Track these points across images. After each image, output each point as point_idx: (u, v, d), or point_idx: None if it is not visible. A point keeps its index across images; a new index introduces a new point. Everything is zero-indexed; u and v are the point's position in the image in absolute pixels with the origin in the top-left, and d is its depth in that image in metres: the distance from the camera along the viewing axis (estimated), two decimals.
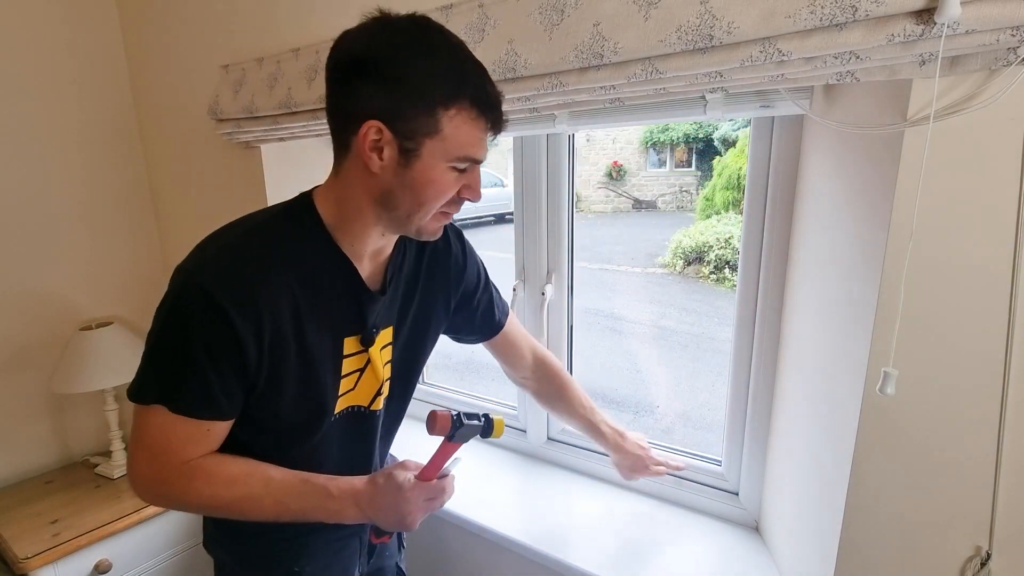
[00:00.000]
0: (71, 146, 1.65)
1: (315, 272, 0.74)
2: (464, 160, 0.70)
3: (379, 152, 0.68)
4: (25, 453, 1.63)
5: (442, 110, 0.66)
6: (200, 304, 0.66)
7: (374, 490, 0.79)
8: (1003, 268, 0.64)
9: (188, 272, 0.68)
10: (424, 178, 0.69)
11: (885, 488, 0.75)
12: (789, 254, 1.02)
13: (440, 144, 0.68)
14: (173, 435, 0.71)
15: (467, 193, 0.74)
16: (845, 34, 0.62)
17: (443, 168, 0.69)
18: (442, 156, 0.69)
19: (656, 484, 1.27)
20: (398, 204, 0.71)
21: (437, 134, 0.67)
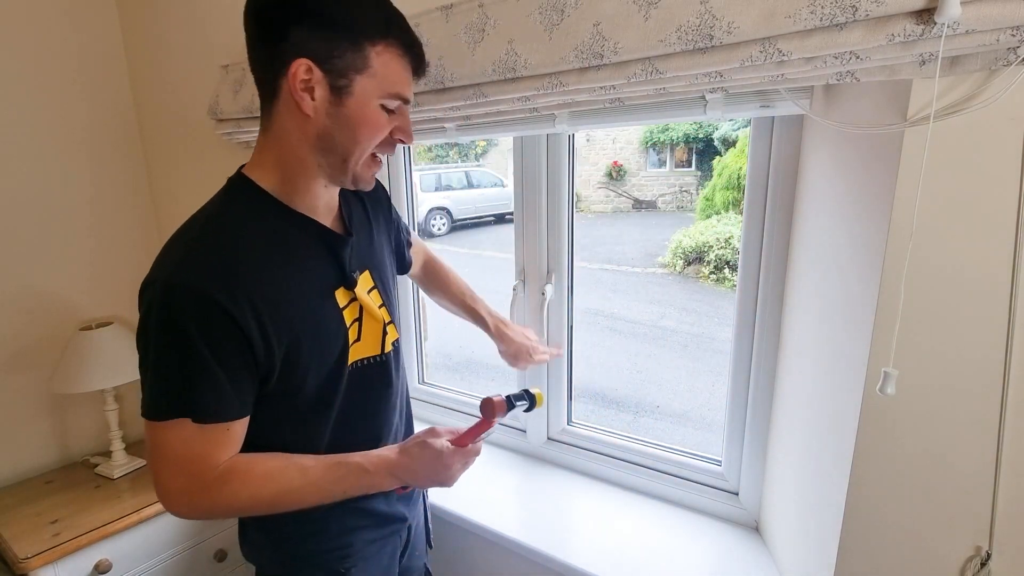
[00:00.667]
0: (71, 146, 1.65)
1: (283, 239, 0.74)
2: (394, 97, 0.72)
3: (310, 92, 0.68)
4: (25, 453, 1.63)
5: (369, 46, 0.68)
6: (192, 304, 0.65)
7: (409, 460, 0.80)
8: (1003, 268, 0.64)
9: (166, 279, 0.66)
10: (358, 116, 0.70)
11: (885, 488, 0.75)
12: (789, 254, 1.02)
13: (370, 80, 0.69)
14: (197, 444, 0.70)
15: (400, 134, 0.75)
16: (845, 34, 0.62)
17: (375, 105, 0.71)
18: (373, 92, 0.70)
19: (656, 484, 1.27)
20: (334, 146, 0.72)
21: (367, 70, 0.68)
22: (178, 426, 0.68)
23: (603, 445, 1.36)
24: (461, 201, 7.95)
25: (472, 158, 9.62)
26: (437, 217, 7.65)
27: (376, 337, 0.85)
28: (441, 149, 8.62)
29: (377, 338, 0.86)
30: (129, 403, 1.79)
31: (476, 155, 9.68)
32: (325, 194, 0.80)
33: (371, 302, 0.85)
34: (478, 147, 9.55)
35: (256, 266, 0.70)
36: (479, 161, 9.58)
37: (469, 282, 1.25)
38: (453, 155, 9.10)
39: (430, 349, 1.63)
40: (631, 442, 1.33)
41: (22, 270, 1.58)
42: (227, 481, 0.71)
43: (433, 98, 1.02)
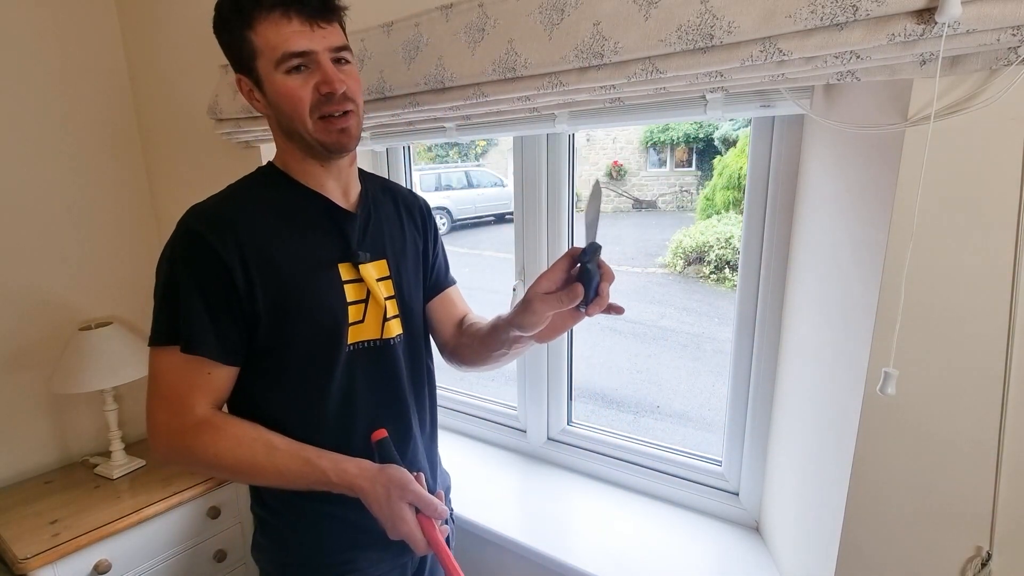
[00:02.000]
0: (71, 146, 1.65)
1: (289, 206, 0.82)
2: (286, 58, 0.74)
3: (252, 96, 0.80)
4: (25, 453, 1.63)
5: (247, 32, 0.75)
6: (184, 239, 0.75)
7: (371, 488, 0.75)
8: (1004, 268, 0.64)
9: (176, 228, 0.77)
10: (275, 94, 0.77)
11: (885, 488, 0.75)
12: (789, 254, 1.02)
13: (264, 60, 0.76)
14: (177, 377, 0.75)
15: (324, 88, 0.76)
16: (846, 34, 0.62)
17: (280, 77, 0.76)
18: (269, 68, 0.76)
19: (656, 484, 1.27)
20: (290, 130, 0.80)
21: (257, 53, 0.76)
22: (163, 355, 0.76)
23: (603, 445, 1.36)
24: (461, 201, 7.94)
25: (472, 158, 9.62)
26: (437, 217, 7.65)
27: (377, 322, 0.86)
28: (441, 149, 8.62)
29: (378, 323, 0.86)
30: (129, 403, 1.79)
31: (476, 155, 9.67)
32: (329, 174, 0.85)
33: (378, 289, 0.86)
34: (478, 147, 9.55)
35: (253, 221, 0.78)
36: (479, 161, 9.58)
37: (469, 282, 1.22)
38: (453, 155, 9.10)
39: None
40: (631, 442, 1.33)
41: (22, 270, 1.58)
42: (200, 432, 0.75)
43: (433, 98, 1.02)
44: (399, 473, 0.76)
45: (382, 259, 0.88)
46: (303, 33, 0.75)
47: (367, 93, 1.08)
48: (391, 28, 1.06)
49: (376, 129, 1.24)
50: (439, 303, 1.02)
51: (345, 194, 0.88)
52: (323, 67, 0.76)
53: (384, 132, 1.26)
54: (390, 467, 0.77)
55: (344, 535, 0.86)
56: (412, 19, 1.03)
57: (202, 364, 0.75)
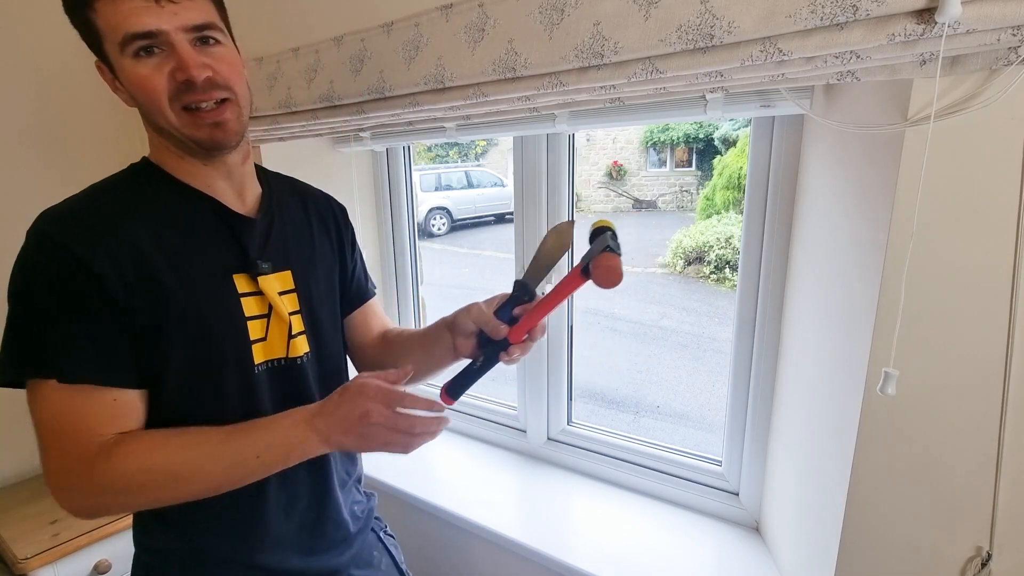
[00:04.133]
0: (71, 146, 1.65)
1: (170, 208, 0.71)
2: (128, 40, 0.63)
3: (114, 84, 0.69)
4: (25, 453, 1.63)
5: (90, 13, 0.64)
6: (43, 251, 0.62)
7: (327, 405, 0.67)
8: (1004, 268, 0.64)
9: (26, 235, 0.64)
10: (127, 80, 0.66)
11: (885, 488, 0.75)
12: (789, 254, 1.02)
13: (109, 44, 0.65)
14: (70, 412, 0.63)
15: (179, 75, 0.65)
16: (846, 33, 0.62)
17: (128, 63, 0.65)
18: (116, 53, 0.65)
19: (656, 484, 1.27)
20: (148, 118, 0.70)
21: (101, 35, 0.65)
22: (41, 391, 0.63)
23: (603, 445, 1.36)
24: (461, 201, 7.95)
25: (472, 158, 9.62)
26: (437, 217, 7.65)
27: (282, 340, 0.76)
28: (441, 149, 8.62)
29: (283, 341, 0.76)
30: None
31: (476, 155, 9.68)
32: (217, 173, 0.74)
33: (280, 303, 0.76)
34: (478, 147, 9.55)
35: (125, 225, 0.66)
36: (479, 161, 9.58)
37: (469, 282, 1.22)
38: (453, 155, 9.10)
39: None
40: (631, 442, 1.33)
41: None
42: (112, 452, 0.62)
43: (433, 98, 1.02)
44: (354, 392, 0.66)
45: (286, 270, 0.78)
46: (147, 9, 0.63)
47: (367, 93, 1.08)
48: (391, 28, 1.06)
49: (376, 129, 1.24)
50: (360, 316, 0.94)
51: (240, 196, 0.77)
52: (177, 50, 0.65)
53: (384, 132, 1.26)
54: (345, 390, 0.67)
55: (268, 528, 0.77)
56: (412, 19, 1.03)
57: (92, 392, 0.63)
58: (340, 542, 0.84)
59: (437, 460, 1.48)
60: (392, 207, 1.63)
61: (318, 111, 1.18)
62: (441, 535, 1.35)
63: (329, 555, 0.83)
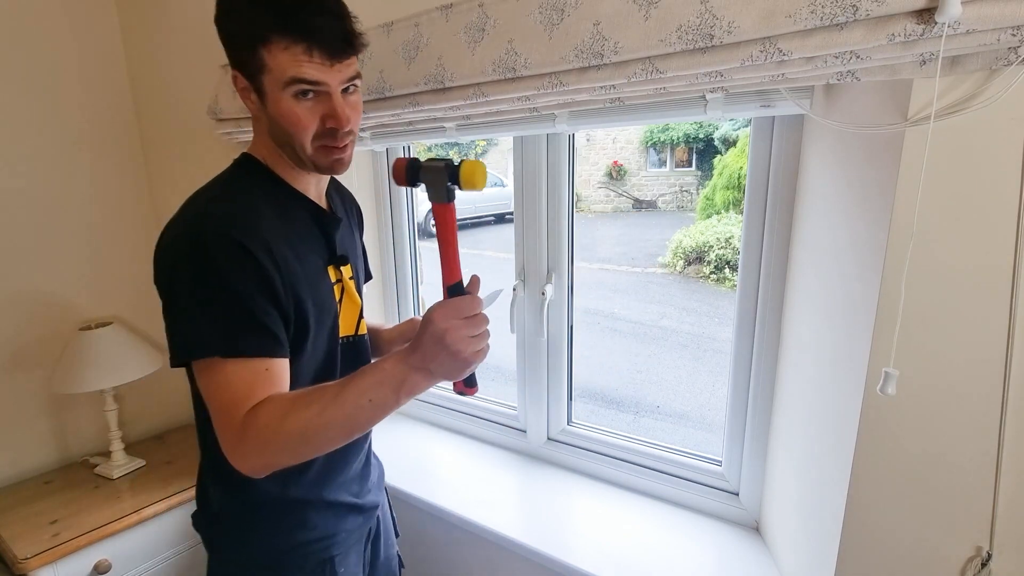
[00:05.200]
0: (71, 146, 1.65)
1: (286, 208, 0.81)
2: (292, 83, 0.73)
3: (248, 96, 0.78)
4: (25, 453, 1.63)
5: (261, 47, 0.72)
6: (221, 246, 0.70)
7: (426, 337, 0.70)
8: (1004, 268, 0.64)
9: (191, 230, 0.72)
10: (276, 111, 0.75)
11: (885, 488, 0.75)
12: (789, 254, 1.02)
13: (270, 77, 0.74)
14: (237, 385, 0.69)
15: (330, 122, 0.76)
16: (846, 34, 0.62)
17: (286, 98, 0.74)
18: (276, 87, 0.74)
19: (656, 484, 1.27)
20: (282, 140, 0.79)
21: (265, 68, 0.73)
22: (216, 369, 0.70)
23: (603, 445, 1.36)
24: (461, 201, 7.93)
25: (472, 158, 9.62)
26: None
27: (352, 319, 0.91)
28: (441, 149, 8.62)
29: (353, 320, 0.91)
30: (129, 403, 1.79)
31: (476, 155, 9.68)
32: (313, 178, 0.86)
33: (351, 287, 0.91)
34: (478, 147, 9.55)
35: (271, 227, 0.76)
36: None
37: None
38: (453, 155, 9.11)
39: None
40: (631, 442, 1.33)
41: (22, 270, 1.58)
42: (256, 414, 0.68)
43: (433, 98, 1.02)
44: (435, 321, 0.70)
45: (349, 263, 0.91)
46: (320, 68, 0.73)
47: (367, 93, 1.08)
48: (391, 28, 1.06)
49: (376, 129, 1.24)
50: None
51: (319, 196, 0.88)
52: (334, 101, 0.75)
53: (384, 132, 1.26)
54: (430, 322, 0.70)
55: (320, 513, 0.89)
56: (412, 19, 1.03)
57: (259, 363, 0.71)
58: (375, 487, 1.02)
59: (437, 460, 1.48)
60: (392, 207, 1.63)
61: None
62: (441, 535, 1.35)
63: (371, 495, 1.00)
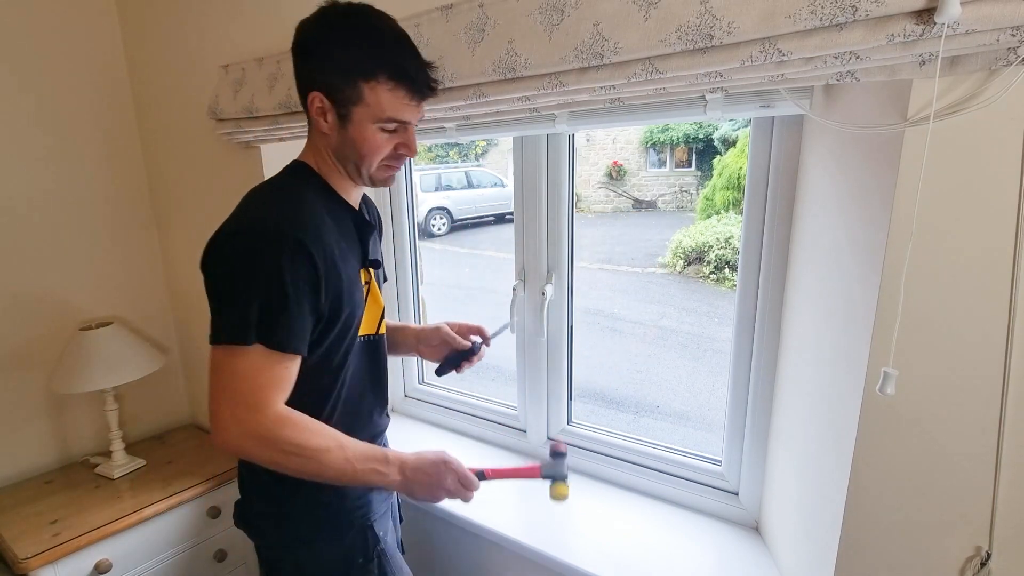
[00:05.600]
0: (71, 146, 1.65)
1: (336, 214, 0.89)
2: (388, 121, 0.84)
3: (324, 116, 0.84)
4: (25, 453, 1.63)
5: (363, 83, 0.81)
6: (286, 244, 0.76)
7: (419, 460, 0.90)
8: (1003, 268, 0.64)
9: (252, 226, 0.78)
10: (359, 137, 0.84)
11: (885, 488, 0.75)
12: (789, 254, 1.02)
13: (365, 110, 0.83)
14: (263, 376, 0.77)
15: (403, 150, 0.88)
16: (845, 34, 0.62)
17: (373, 129, 0.84)
18: (369, 119, 0.83)
19: (656, 484, 1.27)
20: (347, 158, 0.87)
21: (361, 102, 0.82)
22: (249, 354, 0.77)
23: (603, 445, 1.36)
24: (461, 201, 7.94)
25: (472, 158, 9.61)
26: (437, 217, 7.65)
27: (375, 319, 0.98)
28: (441, 149, 8.62)
29: (375, 320, 0.98)
30: (129, 403, 1.79)
31: (476, 155, 9.67)
32: (357, 189, 0.95)
33: (376, 288, 0.98)
34: (478, 147, 9.54)
35: (326, 229, 0.83)
36: (479, 161, 9.57)
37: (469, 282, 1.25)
38: (453, 155, 9.10)
39: None
40: (631, 442, 1.33)
41: (22, 270, 1.58)
42: (284, 425, 0.78)
43: (433, 98, 1.02)
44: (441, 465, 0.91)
45: (380, 266, 1.01)
46: (407, 105, 0.84)
47: None
48: None
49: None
50: None
51: (357, 204, 0.96)
52: (410, 134, 0.88)
53: None
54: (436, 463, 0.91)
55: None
56: (412, 19, 1.03)
57: (283, 359, 0.79)
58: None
59: None
60: (392, 207, 1.63)
61: None
62: (441, 535, 1.35)
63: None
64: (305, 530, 0.93)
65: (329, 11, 0.82)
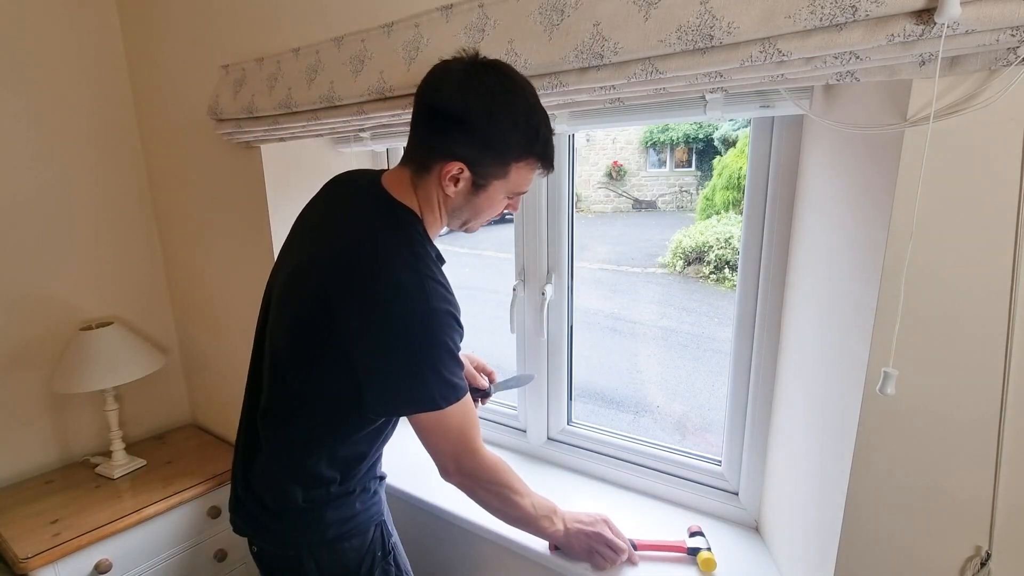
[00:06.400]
0: (71, 146, 1.65)
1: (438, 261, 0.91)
2: (516, 193, 0.89)
3: (455, 183, 0.83)
4: (25, 453, 1.63)
5: (513, 163, 0.83)
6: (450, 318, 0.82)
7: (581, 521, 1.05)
8: (1003, 268, 0.64)
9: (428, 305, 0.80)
10: (486, 204, 0.88)
11: (885, 488, 0.75)
12: (789, 254, 1.02)
13: (504, 183, 0.85)
14: (470, 413, 0.88)
15: (511, 208, 0.94)
16: (845, 34, 0.62)
17: (501, 199, 0.88)
18: (503, 190, 0.87)
19: (656, 484, 1.27)
20: (461, 216, 0.90)
21: (505, 177, 0.85)
22: (464, 403, 0.86)
23: (603, 445, 1.36)
24: None
25: None
26: None
27: None
28: None
29: None
30: (129, 403, 1.79)
31: None
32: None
33: None
34: None
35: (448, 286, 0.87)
36: None
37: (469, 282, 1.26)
38: None
39: None
40: (631, 442, 1.33)
41: (23, 270, 1.58)
42: (498, 468, 0.94)
43: None
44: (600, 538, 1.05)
45: None
46: (534, 180, 0.90)
47: (368, 94, 1.08)
48: (391, 28, 1.06)
49: (376, 129, 1.24)
50: None
51: None
52: (520, 199, 0.93)
53: (384, 132, 1.26)
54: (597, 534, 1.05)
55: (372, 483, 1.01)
56: (412, 19, 1.03)
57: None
58: None
59: None
60: None
61: (318, 111, 1.18)
62: (440, 534, 1.35)
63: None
64: (333, 533, 0.95)
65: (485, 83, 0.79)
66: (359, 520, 0.98)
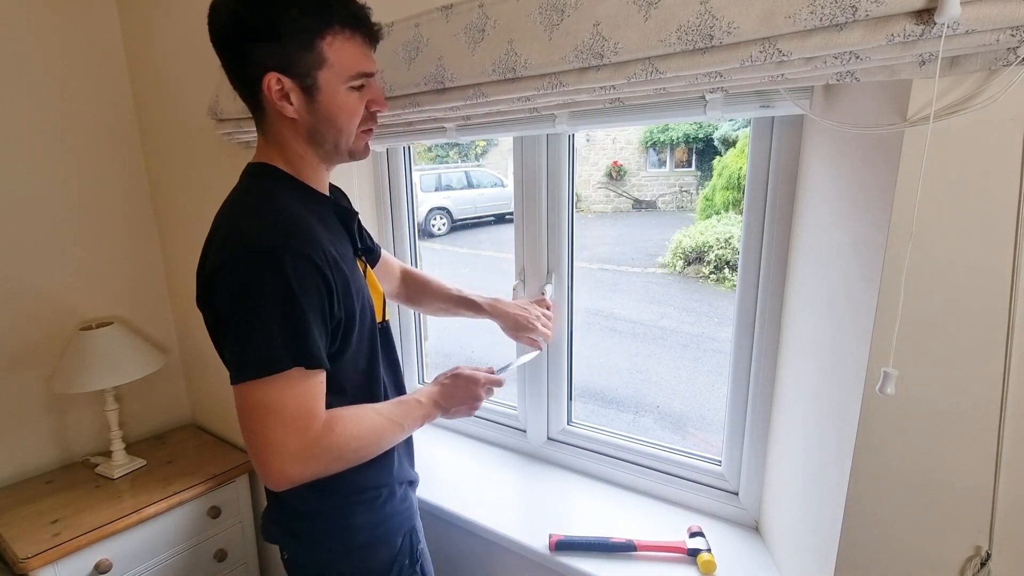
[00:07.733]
0: (71, 146, 1.65)
1: (318, 211, 0.83)
2: (357, 77, 0.78)
3: (287, 99, 0.77)
4: (25, 453, 1.63)
5: (319, 41, 0.74)
6: (294, 263, 0.71)
7: (447, 388, 0.96)
8: (1003, 268, 0.64)
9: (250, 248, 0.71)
10: (332, 106, 0.78)
11: (885, 487, 0.75)
12: (789, 254, 1.02)
13: (330, 71, 0.76)
14: (311, 395, 0.75)
15: (374, 106, 0.83)
16: (845, 34, 0.62)
17: (343, 91, 0.78)
18: (337, 81, 0.77)
19: (656, 484, 1.27)
20: (323, 137, 0.81)
21: (324, 63, 0.75)
22: (292, 379, 0.72)
23: (603, 445, 1.36)
24: (461, 201, 7.93)
25: (472, 158, 9.61)
26: (437, 217, 7.64)
27: (379, 307, 0.95)
28: (441, 149, 8.61)
29: (380, 308, 0.96)
30: (129, 403, 1.79)
31: (476, 155, 9.67)
32: (325, 176, 0.89)
33: (372, 275, 0.96)
34: (478, 147, 9.54)
35: (317, 230, 0.77)
36: (479, 161, 9.57)
37: (469, 282, 1.27)
38: (453, 155, 9.09)
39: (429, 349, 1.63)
40: (631, 442, 1.33)
41: (22, 270, 1.58)
42: (332, 428, 0.77)
43: (433, 98, 1.02)
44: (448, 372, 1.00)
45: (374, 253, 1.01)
46: (369, 56, 0.80)
47: None
48: (391, 28, 1.06)
49: (376, 129, 1.24)
50: (381, 266, 1.15)
51: (327, 192, 0.91)
52: (375, 87, 0.83)
53: (384, 132, 1.26)
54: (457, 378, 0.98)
55: (400, 487, 0.98)
56: (412, 19, 1.03)
57: (319, 375, 0.76)
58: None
59: (438, 460, 1.48)
60: (392, 207, 1.63)
61: None
62: (441, 534, 1.35)
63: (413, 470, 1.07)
64: (363, 538, 0.93)
65: None
66: (389, 525, 0.96)
